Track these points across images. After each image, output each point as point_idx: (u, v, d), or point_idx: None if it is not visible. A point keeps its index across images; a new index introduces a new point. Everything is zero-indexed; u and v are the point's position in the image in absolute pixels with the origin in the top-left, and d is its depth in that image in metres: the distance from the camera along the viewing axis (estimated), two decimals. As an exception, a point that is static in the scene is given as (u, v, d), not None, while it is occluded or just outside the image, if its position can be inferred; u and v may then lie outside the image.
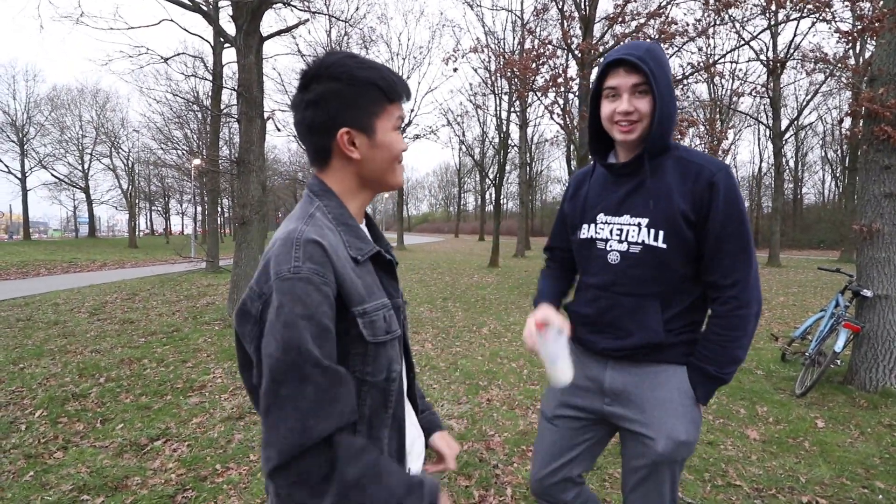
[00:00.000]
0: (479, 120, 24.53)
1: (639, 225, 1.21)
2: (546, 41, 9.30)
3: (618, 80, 1.17)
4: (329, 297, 0.73)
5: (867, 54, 15.75)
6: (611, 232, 1.25)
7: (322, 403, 0.70)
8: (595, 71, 9.77)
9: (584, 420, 1.36)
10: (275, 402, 0.69)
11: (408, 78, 19.90)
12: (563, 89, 9.23)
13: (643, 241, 1.20)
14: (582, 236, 1.32)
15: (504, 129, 19.41)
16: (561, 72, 9.22)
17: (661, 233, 1.18)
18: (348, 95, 0.82)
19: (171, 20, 9.12)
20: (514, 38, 18.41)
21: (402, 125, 0.89)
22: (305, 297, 0.71)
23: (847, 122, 10.22)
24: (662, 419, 1.21)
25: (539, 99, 10.99)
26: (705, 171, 1.16)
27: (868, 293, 3.85)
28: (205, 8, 7.59)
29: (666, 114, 1.16)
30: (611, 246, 1.25)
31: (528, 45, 10.61)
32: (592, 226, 1.29)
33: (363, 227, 0.94)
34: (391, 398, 0.84)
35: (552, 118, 10.15)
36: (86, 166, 34.06)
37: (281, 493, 0.73)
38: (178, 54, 12.12)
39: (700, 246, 1.19)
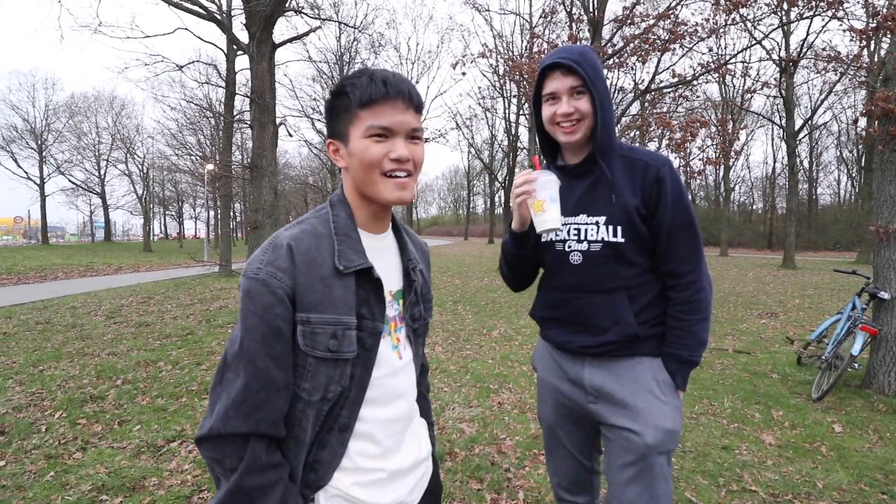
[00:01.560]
0: (487, 123, 24.65)
1: (597, 223, 1.23)
2: (554, 45, 9.30)
3: (555, 83, 1.20)
4: (284, 301, 0.78)
5: (882, 52, 15.52)
6: (568, 232, 1.27)
7: (245, 402, 0.75)
8: (604, 73, 9.71)
9: (579, 413, 1.35)
10: (219, 383, 0.78)
11: (416, 82, 19.96)
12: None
13: (602, 238, 1.22)
14: (543, 239, 1.31)
15: (513, 132, 19.46)
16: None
17: (619, 228, 1.21)
18: (330, 108, 0.87)
19: (186, 29, 9.31)
20: (522, 41, 18.42)
21: (384, 132, 0.82)
22: (259, 297, 0.77)
23: (862, 121, 10.06)
24: (647, 411, 1.21)
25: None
26: (651, 167, 1.21)
27: (885, 295, 3.79)
28: (219, 17, 7.72)
29: (608, 113, 1.20)
30: (570, 246, 1.27)
31: (536, 48, 10.62)
32: None
33: (383, 237, 0.94)
34: (328, 421, 0.83)
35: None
36: (102, 172, 34.74)
37: (208, 466, 0.79)
38: (193, 62, 12.35)
39: (652, 238, 1.23)
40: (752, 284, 12.17)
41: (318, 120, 20.14)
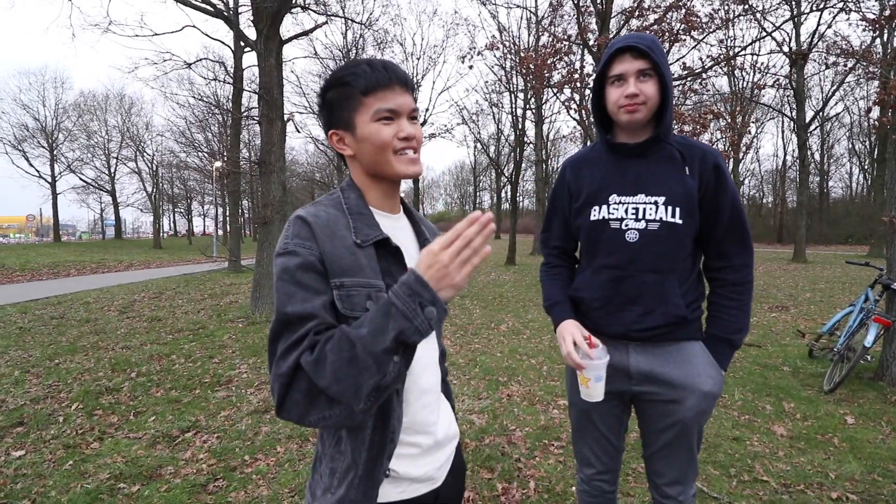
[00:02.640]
0: (494, 117, 24.47)
1: (655, 203, 1.25)
2: (562, 38, 9.24)
3: (624, 65, 1.22)
4: (315, 265, 0.81)
5: (895, 42, 15.25)
6: (626, 211, 1.28)
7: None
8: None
9: (615, 399, 1.38)
10: (273, 355, 0.79)
11: (422, 77, 19.91)
12: (579, 85, 9.16)
13: (661, 218, 1.24)
14: (593, 218, 1.32)
15: (520, 126, 19.33)
16: (577, 67, 9.15)
17: (678, 210, 1.24)
18: (328, 101, 0.91)
19: (194, 26, 9.35)
20: (529, 34, 18.31)
21: (391, 114, 0.87)
22: (291, 265, 0.81)
23: (875, 111, 9.91)
24: (698, 392, 1.26)
25: (555, 95, 10.93)
26: (708, 154, 1.26)
27: (899, 287, 3.75)
28: (226, 13, 7.74)
29: (671, 100, 1.25)
30: (627, 225, 1.27)
31: (543, 41, 10.56)
32: (605, 206, 1.30)
33: (398, 218, 0.98)
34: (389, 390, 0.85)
35: (569, 114, 10.08)
36: (112, 170, 35.08)
37: (304, 415, 0.78)
38: (201, 59, 12.40)
39: (704, 223, 1.27)
40: (763, 278, 12.07)
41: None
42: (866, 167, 32.79)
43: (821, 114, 22.18)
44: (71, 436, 3.04)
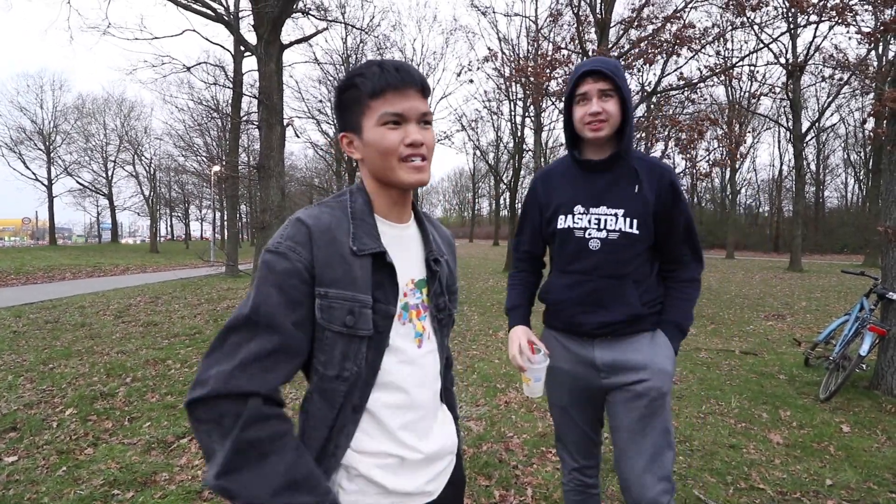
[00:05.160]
0: (493, 125, 24.62)
1: (615, 214, 1.38)
2: (560, 46, 9.32)
3: (587, 86, 1.36)
4: (302, 273, 0.79)
5: (890, 55, 15.42)
6: (589, 221, 1.41)
7: (254, 364, 0.73)
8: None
9: (589, 392, 1.48)
10: (218, 347, 0.75)
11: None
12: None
13: (620, 228, 1.37)
14: (560, 226, 1.45)
15: (519, 134, 19.42)
16: (576, 76, 9.20)
17: (634, 221, 1.37)
18: (339, 103, 0.90)
19: (194, 30, 9.40)
20: (528, 43, 18.45)
21: (398, 118, 0.84)
22: (276, 267, 0.79)
23: (870, 122, 10.01)
24: (652, 362, 1.39)
25: (553, 104, 11.00)
26: (665, 172, 1.41)
27: (894, 296, 3.77)
28: (226, 18, 7.79)
29: (632, 118, 1.38)
30: (590, 234, 1.40)
31: (542, 50, 10.64)
32: (570, 216, 1.43)
33: (405, 227, 0.95)
34: (341, 401, 0.83)
35: (568, 122, 10.12)
36: (109, 173, 35.01)
37: (197, 436, 0.75)
38: (200, 63, 12.47)
39: (661, 233, 1.41)
40: (759, 287, 12.11)
41: (325, 122, 20.24)
42: (861, 178, 33.05)
43: (817, 124, 22.39)
44: (65, 441, 3.01)
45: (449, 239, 1.07)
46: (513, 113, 20.11)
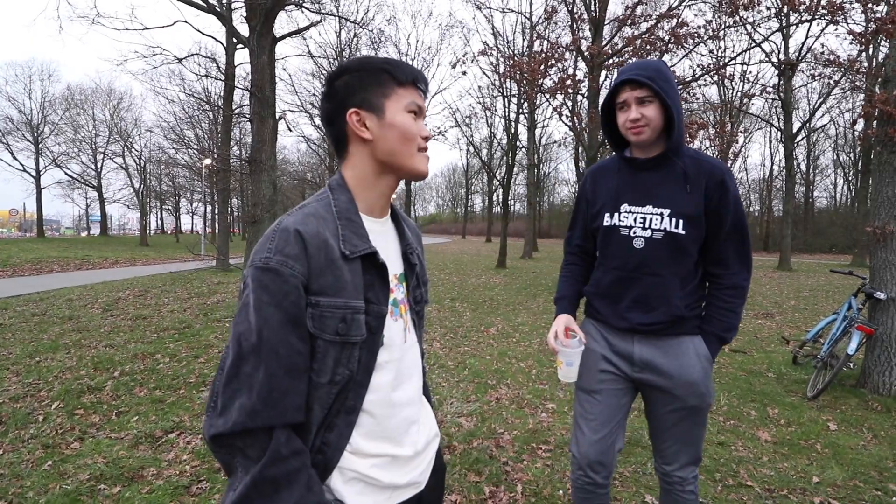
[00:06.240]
0: (487, 121, 24.56)
1: (661, 214, 1.39)
2: (555, 44, 9.30)
3: (625, 94, 1.39)
4: (298, 288, 0.77)
5: (881, 56, 15.58)
6: (634, 220, 1.42)
7: (272, 392, 0.74)
8: (603, 73, 9.77)
9: (620, 383, 1.51)
10: (234, 377, 0.75)
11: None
12: (571, 91, 9.22)
13: (665, 227, 1.38)
14: (605, 224, 1.47)
15: (512, 131, 19.40)
16: (569, 74, 9.21)
17: (681, 221, 1.37)
18: (357, 81, 0.87)
19: (186, 21, 9.28)
20: (523, 40, 18.41)
21: (418, 110, 0.89)
22: (272, 286, 0.76)
23: (860, 123, 10.12)
24: (688, 382, 1.41)
25: (548, 101, 11.00)
26: (716, 171, 1.38)
27: (882, 296, 3.82)
28: (219, 9, 7.69)
29: (680, 118, 1.37)
30: (634, 232, 1.42)
31: (536, 47, 10.62)
32: (616, 214, 1.45)
33: (384, 221, 0.94)
34: (336, 404, 0.83)
35: (561, 120, 10.18)
36: (99, 165, 34.52)
37: (217, 456, 0.78)
38: (192, 55, 12.30)
39: (708, 233, 1.40)
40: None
41: (318, 116, 20.08)
42: (850, 178, 33.43)
43: (807, 125, 22.57)
44: (50, 435, 2.97)
45: (417, 230, 1.07)
46: (507, 109, 20.10)
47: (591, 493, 1.57)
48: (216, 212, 19.23)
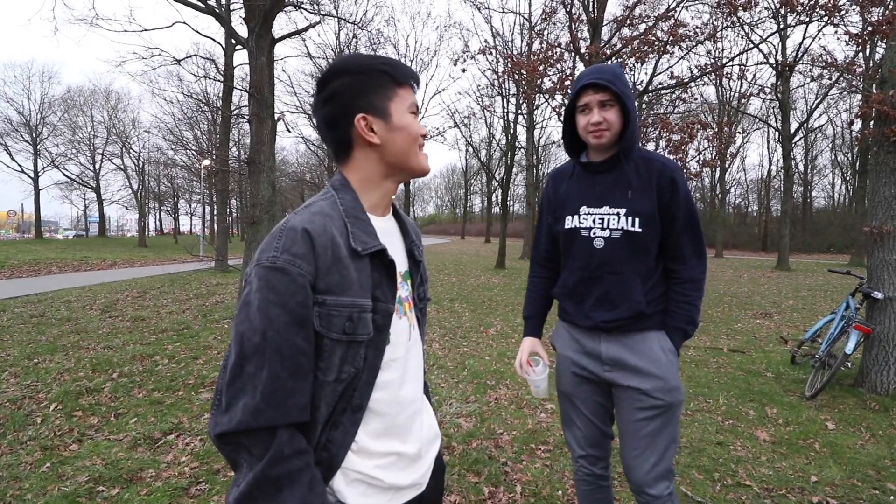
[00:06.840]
0: (485, 122, 24.56)
1: (618, 214, 1.44)
2: (554, 44, 9.31)
3: (588, 97, 1.42)
4: (305, 287, 0.76)
5: (877, 57, 15.62)
6: (593, 221, 1.47)
7: (276, 393, 0.73)
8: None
9: (593, 384, 1.56)
10: (238, 376, 0.74)
11: (415, 80, 19.92)
12: (570, 92, 9.22)
13: (623, 227, 1.42)
14: (567, 227, 1.52)
15: (511, 131, 19.41)
16: (568, 74, 9.21)
17: (636, 220, 1.41)
18: (359, 84, 0.86)
19: (184, 23, 9.28)
20: (521, 40, 18.44)
21: (416, 111, 0.91)
22: (279, 286, 0.75)
23: (857, 124, 10.14)
24: (656, 376, 1.43)
25: (546, 101, 11.01)
26: (666, 170, 1.43)
27: (879, 295, 3.83)
28: (217, 10, 7.68)
29: (635, 123, 1.43)
30: (594, 233, 1.47)
31: (535, 47, 10.63)
32: (576, 217, 1.50)
33: (387, 219, 0.95)
34: (341, 402, 0.82)
35: (560, 120, 10.16)
36: (97, 166, 34.41)
37: (223, 452, 0.77)
38: (191, 56, 12.30)
39: (663, 230, 1.44)
40: (747, 285, 12.24)
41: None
42: (848, 178, 33.51)
43: (805, 125, 22.63)
44: (49, 437, 2.97)
45: (416, 228, 1.07)
46: (505, 110, 20.10)
47: (594, 485, 1.63)
48: (215, 213, 19.23)
